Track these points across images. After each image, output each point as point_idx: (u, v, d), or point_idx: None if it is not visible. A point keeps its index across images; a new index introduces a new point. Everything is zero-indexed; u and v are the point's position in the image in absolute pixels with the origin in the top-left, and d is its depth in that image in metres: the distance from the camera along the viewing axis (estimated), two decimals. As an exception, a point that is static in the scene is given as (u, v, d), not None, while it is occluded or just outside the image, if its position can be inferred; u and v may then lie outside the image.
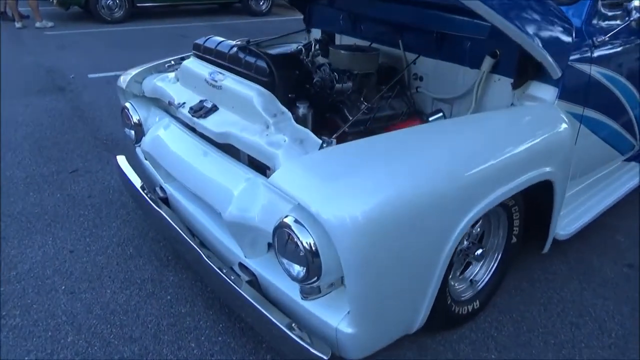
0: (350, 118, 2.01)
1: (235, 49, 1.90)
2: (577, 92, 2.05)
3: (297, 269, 1.46)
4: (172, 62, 2.39)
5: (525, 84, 2.01)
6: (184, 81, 2.10)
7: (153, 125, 2.22)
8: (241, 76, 1.85)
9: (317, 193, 1.37)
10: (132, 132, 2.39)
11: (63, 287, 2.15)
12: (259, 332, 1.83)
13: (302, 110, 1.77)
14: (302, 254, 1.40)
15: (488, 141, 1.67)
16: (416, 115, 1.96)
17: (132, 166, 2.45)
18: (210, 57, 2.02)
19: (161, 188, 2.31)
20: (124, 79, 2.40)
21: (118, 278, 2.22)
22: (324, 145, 1.52)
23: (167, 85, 2.17)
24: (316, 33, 2.92)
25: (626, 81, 2.30)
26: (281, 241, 1.48)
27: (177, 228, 1.94)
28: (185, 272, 2.27)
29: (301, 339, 1.49)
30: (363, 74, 2.24)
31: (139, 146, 2.45)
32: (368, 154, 1.51)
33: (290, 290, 1.64)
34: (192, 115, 1.88)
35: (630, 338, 2.02)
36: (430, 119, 1.91)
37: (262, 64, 1.78)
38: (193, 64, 2.07)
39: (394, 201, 1.38)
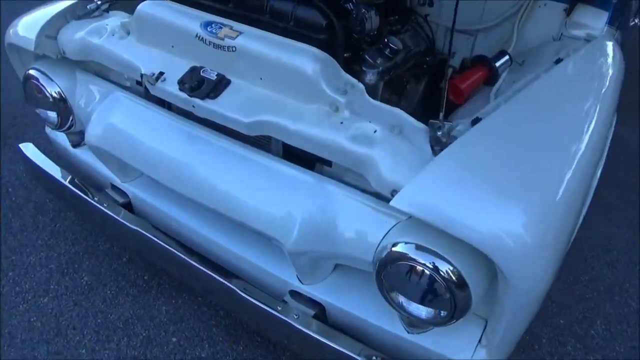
0: (379, 64, 1.48)
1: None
2: (617, 12, 1.79)
3: (429, 311, 1.07)
4: (98, 2, 1.58)
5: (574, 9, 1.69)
6: (145, 36, 1.37)
7: (98, 106, 1.48)
8: (261, 28, 1.22)
9: (470, 215, 0.95)
10: (53, 113, 1.61)
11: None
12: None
13: (370, 77, 1.24)
14: (445, 295, 1.00)
15: (593, 100, 1.33)
16: (479, 61, 1.54)
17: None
18: None
19: (115, 188, 1.64)
20: (19, 32, 1.55)
21: (88, 326, 1.59)
22: (439, 133, 1.06)
23: (112, 42, 1.42)
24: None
25: None
26: (396, 277, 1.05)
27: (178, 252, 1.38)
28: (178, 294, 1.71)
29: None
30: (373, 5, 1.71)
31: (66, 132, 1.68)
32: (498, 146, 1.08)
33: (384, 323, 1.25)
34: (190, 94, 1.23)
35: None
36: (497, 64, 1.51)
37: (311, 12, 1.18)
38: (161, 10, 1.34)
39: (552, 207, 1.02)
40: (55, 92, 1.56)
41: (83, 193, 1.58)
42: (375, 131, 1.08)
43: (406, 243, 1.03)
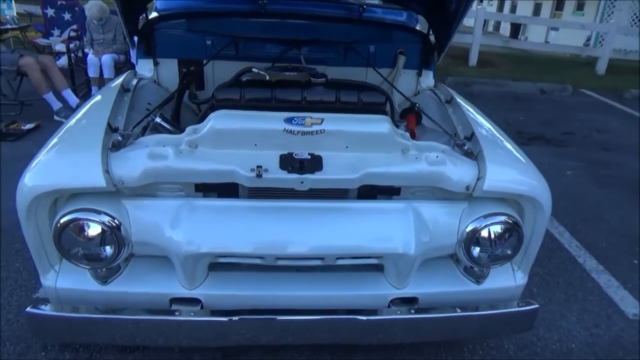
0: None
1: (312, 90, 1.64)
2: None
3: (512, 250, 1.72)
4: (129, 131, 1.64)
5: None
6: (223, 144, 1.59)
7: (178, 219, 1.58)
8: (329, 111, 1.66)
9: (519, 179, 1.68)
10: (107, 248, 1.58)
11: None
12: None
13: (403, 127, 1.80)
14: (516, 234, 1.68)
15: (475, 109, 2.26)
16: (410, 110, 2.25)
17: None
18: (263, 104, 1.64)
19: (179, 300, 1.70)
20: (64, 177, 1.51)
21: None
22: (465, 147, 1.73)
23: (185, 159, 1.56)
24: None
25: None
26: (483, 241, 1.68)
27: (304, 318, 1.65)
28: None
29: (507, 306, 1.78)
30: None
31: (107, 266, 1.64)
32: (497, 143, 1.87)
33: (462, 286, 1.81)
34: (301, 173, 1.55)
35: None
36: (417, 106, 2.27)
37: (374, 94, 1.67)
38: (238, 120, 1.59)
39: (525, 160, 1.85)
40: (109, 222, 1.56)
41: (164, 315, 1.62)
42: (437, 156, 1.68)
43: (478, 218, 1.67)
